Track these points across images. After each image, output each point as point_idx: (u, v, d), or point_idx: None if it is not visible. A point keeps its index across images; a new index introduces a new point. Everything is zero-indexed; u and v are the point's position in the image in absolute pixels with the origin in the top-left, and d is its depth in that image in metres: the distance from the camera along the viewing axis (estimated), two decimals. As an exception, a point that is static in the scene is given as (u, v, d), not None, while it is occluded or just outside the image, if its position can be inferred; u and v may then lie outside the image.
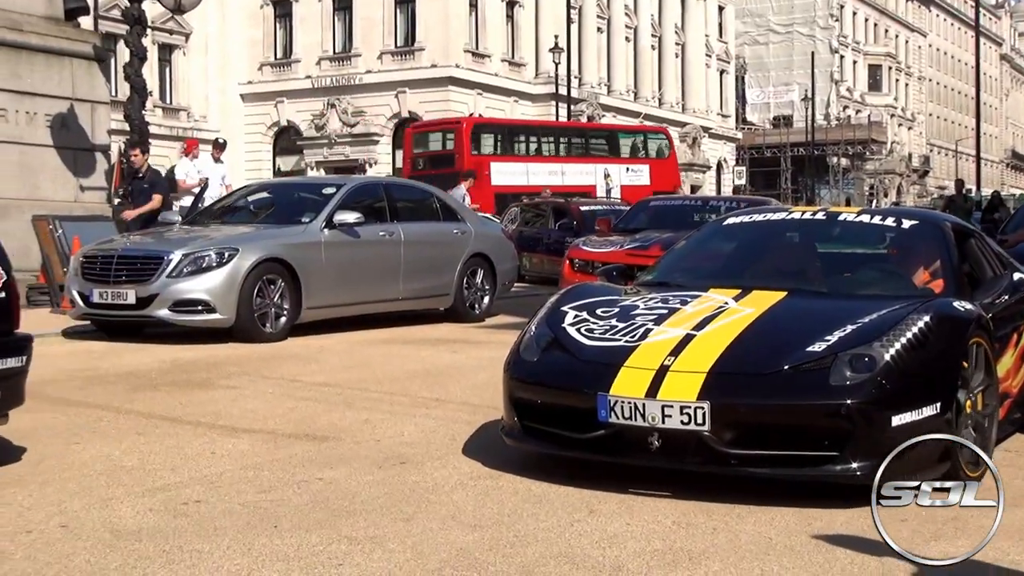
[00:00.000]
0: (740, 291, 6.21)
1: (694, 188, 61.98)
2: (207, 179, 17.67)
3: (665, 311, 5.94)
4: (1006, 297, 6.61)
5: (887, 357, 5.13)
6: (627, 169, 42.13)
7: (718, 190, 66.54)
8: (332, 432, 6.93)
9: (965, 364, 5.44)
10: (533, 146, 43.19)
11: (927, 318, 5.44)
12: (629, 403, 5.15)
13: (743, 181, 70.65)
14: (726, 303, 6.00)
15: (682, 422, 5.05)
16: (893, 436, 4.94)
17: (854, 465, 4.95)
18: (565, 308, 6.13)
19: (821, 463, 5.03)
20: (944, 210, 28.35)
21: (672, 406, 5.07)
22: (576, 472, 5.40)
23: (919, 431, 4.99)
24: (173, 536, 4.64)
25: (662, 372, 5.23)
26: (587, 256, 14.40)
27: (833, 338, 5.31)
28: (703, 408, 5.02)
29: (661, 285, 6.76)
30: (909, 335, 5.28)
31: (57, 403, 7.81)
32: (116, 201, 16.63)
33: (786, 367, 5.24)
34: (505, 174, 38.09)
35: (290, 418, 7.38)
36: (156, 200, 13.47)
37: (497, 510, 5.06)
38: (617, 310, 6.04)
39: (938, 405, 5.14)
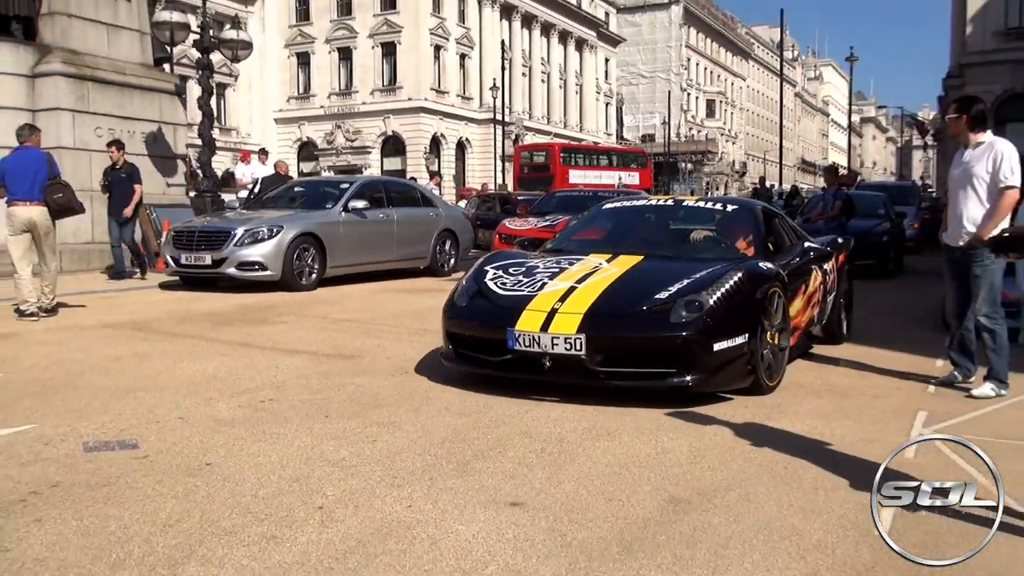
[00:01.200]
0: (611, 255, 6.15)
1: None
2: (259, 178, 17.43)
3: (557, 270, 5.87)
4: (798, 259, 6.62)
5: (711, 302, 5.16)
6: (628, 175, 43.33)
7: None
8: (356, 352, 6.95)
9: (766, 307, 5.49)
10: (588, 160, 43.77)
11: (740, 274, 5.49)
12: (528, 335, 5.16)
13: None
14: (600, 264, 5.94)
15: (565, 349, 5.08)
16: (714, 357, 5.05)
17: (688, 378, 5.02)
18: (487, 268, 6.08)
19: (664, 377, 5.07)
20: (752, 197, 28.89)
21: (558, 337, 5.09)
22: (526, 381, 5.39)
23: (732, 354, 5.12)
24: (257, 424, 4.70)
25: (552, 313, 5.23)
26: (510, 232, 14.49)
27: (674, 288, 5.32)
28: (580, 339, 5.05)
29: (557, 252, 6.63)
30: (727, 286, 5.32)
31: (163, 334, 7.78)
32: (194, 193, 16.39)
33: (641, 308, 5.25)
34: (575, 176, 38.86)
35: (326, 343, 7.38)
36: (137, 191, 12.13)
37: (475, 403, 5.16)
38: (524, 269, 5.96)
39: (746, 335, 5.20)
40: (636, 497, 3.58)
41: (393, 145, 53.60)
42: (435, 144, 53.68)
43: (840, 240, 8.03)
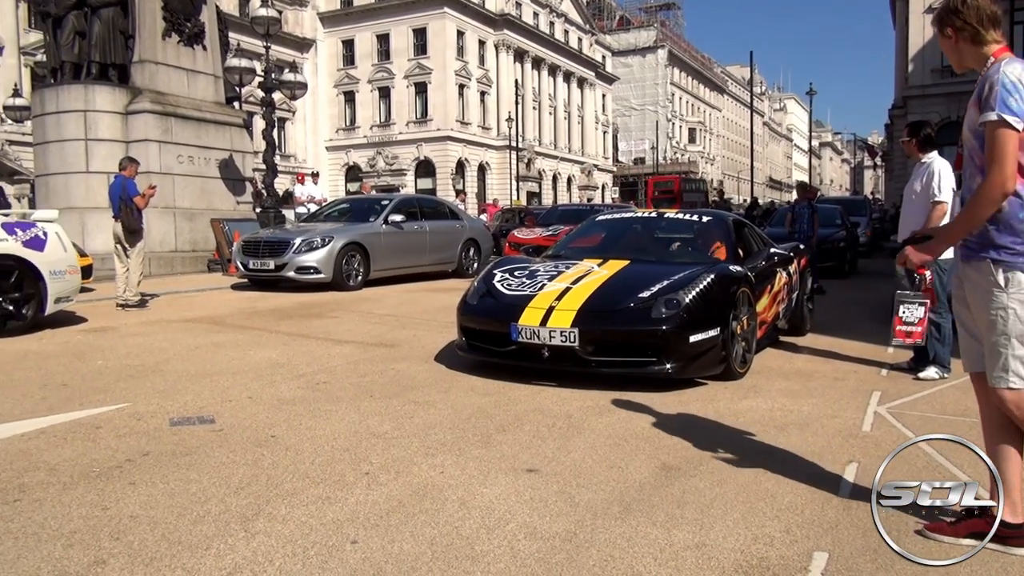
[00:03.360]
0: (602, 260, 6.02)
1: (590, 199, 61.86)
2: (314, 196, 17.48)
3: (556, 273, 5.76)
4: (763, 263, 6.46)
5: (687, 300, 5.06)
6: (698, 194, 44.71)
7: (602, 201, 66.10)
8: (396, 342, 6.92)
9: (736, 304, 5.37)
10: (687, 187, 44.42)
11: (713, 276, 5.38)
12: (529, 329, 5.08)
13: (616, 196, 70.40)
14: (592, 268, 5.81)
15: (561, 341, 4.99)
16: (691, 347, 4.95)
17: (667, 366, 4.92)
18: (495, 271, 5.99)
19: (646, 365, 4.97)
20: (712, 207, 28.86)
21: (555, 331, 5.00)
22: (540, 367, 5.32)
23: (706, 345, 5.01)
24: (313, 402, 4.69)
25: (550, 310, 5.14)
26: (519, 240, 14.45)
27: (655, 288, 5.21)
28: (574, 332, 4.97)
29: (556, 257, 6.50)
30: (701, 286, 5.21)
31: (234, 327, 7.78)
32: (259, 209, 16.45)
33: (628, 305, 5.13)
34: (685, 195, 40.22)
35: (371, 334, 7.36)
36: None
37: (496, 384, 5.11)
38: (527, 272, 5.86)
39: (718, 329, 5.09)
40: (633, 464, 3.54)
41: (425, 168, 53.63)
42: (460, 167, 53.67)
43: (802, 246, 7.93)
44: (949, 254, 2.86)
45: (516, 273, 5.87)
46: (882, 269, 13.67)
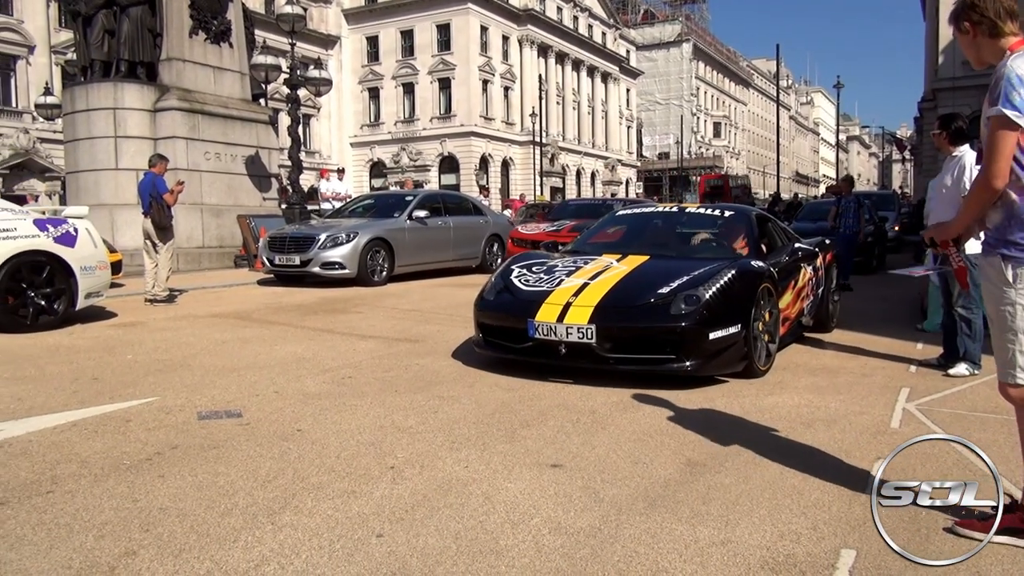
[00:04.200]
0: (621, 255, 5.93)
1: (613, 194, 61.59)
2: (339, 192, 17.60)
3: (573, 268, 5.68)
4: (787, 258, 6.34)
5: (707, 296, 4.97)
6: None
7: (625, 195, 65.74)
8: (420, 337, 6.94)
9: (758, 300, 5.28)
10: (731, 183, 45.47)
11: (734, 271, 5.29)
12: (546, 325, 5.02)
13: (640, 191, 70.13)
14: (611, 263, 5.73)
15: (578, 337, 4.93)
16: (711, 345, 4.87)
17: (687, 363, 4.85)
18: (513, 267, 5.93)
19: (665, 362, 4.89)
20: (736, 201, 28.82)
21: (572, 327, 4.94)
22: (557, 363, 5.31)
23: (727, 342, 4.93)
24: (339, 397, 4.71)
25: (567, 306, 5.07)
26: (522, 236, 14.30)
27: (675, 284, 5.13)
28: (591, 328, 4.90)
29: (575, 252, 6.42)
30: (722, 282, 5.13)
31: (260, 323, 7.86)
32: (285, 205, 16.58)
33: (646, 301, 5.06)
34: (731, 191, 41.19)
35: (395, 329, 7.39)
36: None
37: (520, 381, 5.10)
38: (545, 268, 5.78)
39: (739, 326, 5.00)
40: (658, 460, 3.53)
41: (449, 164, 53.74)
42: (484, 162, 53.73)
43: (827, 241, 7.83)
44: (979, 248, 2.83)
45: (534, 269, 5.82)
46: (910, 264, 13.45)
